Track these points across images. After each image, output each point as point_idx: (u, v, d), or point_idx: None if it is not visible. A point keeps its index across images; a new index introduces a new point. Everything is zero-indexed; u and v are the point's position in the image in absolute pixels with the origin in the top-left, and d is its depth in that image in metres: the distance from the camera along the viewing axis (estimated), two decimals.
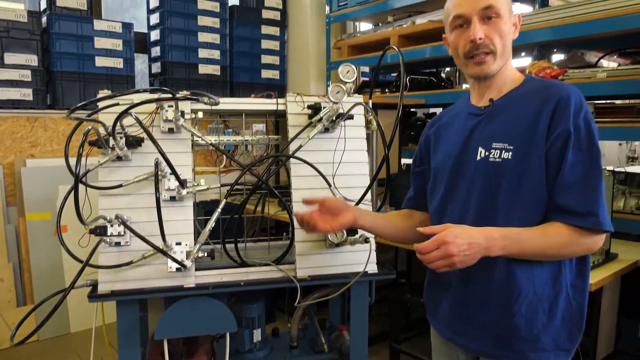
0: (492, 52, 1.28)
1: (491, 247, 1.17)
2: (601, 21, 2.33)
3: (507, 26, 1.29)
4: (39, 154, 3.36)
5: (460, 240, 1.14)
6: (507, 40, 1.30)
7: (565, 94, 1.22)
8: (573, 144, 1.19)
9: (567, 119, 1.19)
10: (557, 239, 1.19)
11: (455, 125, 1.44)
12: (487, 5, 1.26)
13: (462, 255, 1.14)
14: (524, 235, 1.19)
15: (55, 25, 3.21)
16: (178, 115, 1.67)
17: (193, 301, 1.64)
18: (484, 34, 1.27)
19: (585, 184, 1.19)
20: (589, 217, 1.17)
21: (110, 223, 1.58)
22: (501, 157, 1.25)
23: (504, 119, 1.29)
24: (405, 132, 3.60)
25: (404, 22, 3.57)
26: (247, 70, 4.14)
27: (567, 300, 1.26)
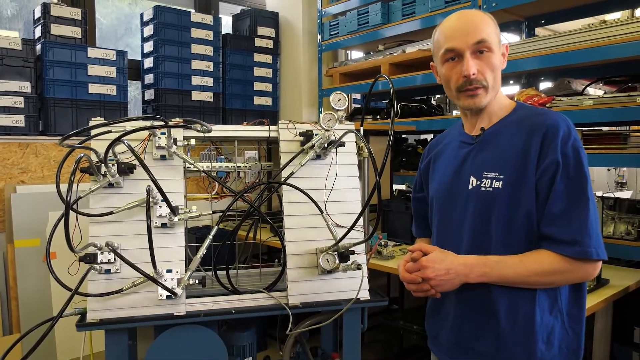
0: (484, 87, 1.30)
1: (469, 274, 1.22)
2: (587, 51, 2.38)
3: (498, 59, 1.31)
4: (29, 180, 3.34)
5: (439, 265, 1.21)
6: (498, 73, 1.32)
7: (553, 122, 1.23)
8: (561, 173, 1.19)
9: (555, 149, 1.20)
10: (537, 266, 1.19)
11: (448, 153, 1.45)
12: (480, 40, 1.27)
13: (438, 279, 1.22)
14: (503, 263, 1.21)
15: (50, 53, 3.23)
16: (170, 143, 1.68)
17: (183, 329, 1.62)
18: (477, 69, 1.28)
19: (571, 212, 1.19)
20: (573, 245, 1.17)
21: (101, 250, 1.56)
22: (492, 186, 1.27)
23: (495, 149, 1.30)
24: (396, 159, 3.63)
25: (394, 50, 3.63)
26: (240, 97, 4.17)
27: (564, 329, 1.26)
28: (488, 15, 1.34)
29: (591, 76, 2.93)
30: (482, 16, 1.32)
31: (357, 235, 1.72)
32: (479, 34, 1.28)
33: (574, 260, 1.18)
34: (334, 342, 2.14)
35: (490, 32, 1.29)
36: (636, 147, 2.32)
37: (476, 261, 1.22)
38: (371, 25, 3.62)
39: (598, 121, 2.42)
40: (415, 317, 2.76)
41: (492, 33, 1.30)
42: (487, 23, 1.30)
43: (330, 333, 2.14)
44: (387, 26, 3.54)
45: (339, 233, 1.69)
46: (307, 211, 1.75)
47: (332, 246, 1.69)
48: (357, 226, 1.67)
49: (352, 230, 1.63)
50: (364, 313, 1.82)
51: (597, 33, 2.36)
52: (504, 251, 1.25)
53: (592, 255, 1.17)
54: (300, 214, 1.76)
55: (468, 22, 1.30)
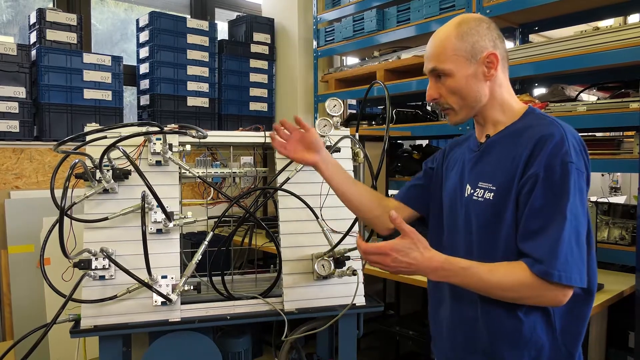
0: (450, 108, 1.29)
1: (430, 274, 1.19)
2: (580, 57, 2.40)
3: (462, 80, 1.25)
4: (24, 186, 3.32)
5: (402, 257, 1.16)
6: (468, 92, 1.26)
7: (547, 133, 1.17)
8: (542, 187, 1.13)
9: (540, 161, 1.14)
10: (505, 279, 1.14)
11: (459, 157, 1.43)
12: (432, 68, 1.27)
13: (396, 269, 1.17)
14: (470, 270, 1.15)
15: (45, 59, 3.22)
16: (166, 148, 1.68)
17: (178, 336, 1.62)
18: (437, 94, 1.28)
19: (544, 230, 1.12)
20: (538, 264, 1.10)
21: (95, 256, 1.56)
22: (484, 196, 1.24)
23: (493, 159, 1.28)
24: (392, 164, 3.64)
25: (389, 56, 3.65)
26: (236, 102, 4.17)
27: (556, 347, 1.21)
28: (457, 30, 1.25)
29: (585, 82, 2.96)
30: (444, 36, 1.26)
31: (352, 241, 1.72)
32: (431, 61, 1.27)
33: (540, 281, 1.11)
34: (330, 348, 2.13)
35: (447, 55, 1.24)
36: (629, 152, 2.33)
37: (440, 264, 1.16)
38: (366, 32, 3.63)
39: (592, 127, 2.44)
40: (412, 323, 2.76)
41: (450, 55, 1.24)
42: (446, 44, 1.25)
43: (326, 339, 2.13)
44: (382, 32, 3.55)
45: (334, 239, 1.69)
46: (303, 217, 1.75)
47: (328, 252, 1.69)
48: (353, 232, 1.67)
49: (347, 236, 1.63)
50: (360, 319, 1.82)
51: (590, 40, 2.38)
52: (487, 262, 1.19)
53: (553, 278, 1.09)
54: (296, 219, 1.76)
55: (429, 46, 1.29)
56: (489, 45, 1.25)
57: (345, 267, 1.70)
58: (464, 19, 1.28)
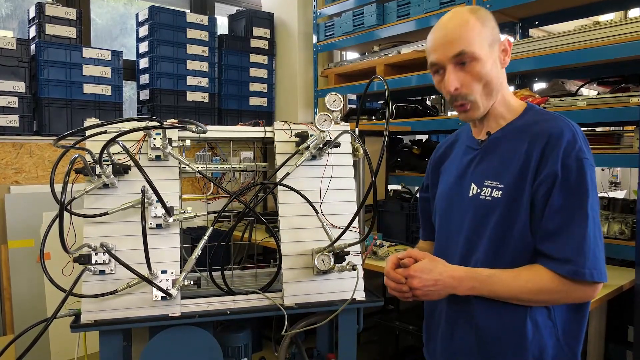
0: (472, 101, 1.22)
1: (457, 287, 1.18)
2: (580, 52, 2.40)
3: (488, 64, 1.19)
4: (23, 181, 3.32)
5: (426, 275, 1.17)
6: (491, 79, 1.21)
7: (557, 130, 1.15)
8: (560, 186, 1.12)
9: (556, 160, 1.12)
10: (530, 284, 1.13)
11: (454, 157, 1.41)
12: (459, 52, 1.18)
13: (425, 289, 1.18)
14: (494, 278, 1.15)
15: (44, 53, 3.22)
16: (165, 143, 1.68)
17: (178, 330, 1.62)
18: (460, 83, 1.20)
19: (567, 229, 1.11)
20: (567, 264, 1.10)
21: (95, 251, 1.56)
22: (491, 195, 1.21)
23: (497, 156, 1.25)
24: (391, 159, 3.64)
25: (389, 51, 3.64)
26: (235, 97, 4.17)
27: (558, 346, 1.19)
28: (475, 15, 1.20)
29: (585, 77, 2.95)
30: (464, 21, 1.20)
31: (352, 236, 1.72)
32: (457, 45, 1.18)
33: (568, 280, 1.11)
34: (330, 343, 2.14)
35: (474, 38, 1.18)
36: (629, 147, 2.33)
37: (465, 274, 1.17)
38: (366, 26, 3.63)
39: (592, 121, 2.43)
40: (411, 317, 2.76)
41: (476, 38, 1.18)
42: (470, 28, 1.18)
43: (326, 334, 2.14)
44: (382, 27, 3.54)
45: (334, 234, 1.69)
46: (303, 212, 1.75)
47: (328, 247, 1.69)
48: (353, 227, 1.68)
49: (347, 231, 1.63)
50: (360, 313, 1.82)
51: (590, 34, 2.38)
52: (495, 263, 1.19)
53: (585, 277, 1.09)
54: (296, 214, 1.76)
55: (448, 32, 1.20)
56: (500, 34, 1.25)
57: (345, 262, 1.70)
58: (473, 7, 1.26)
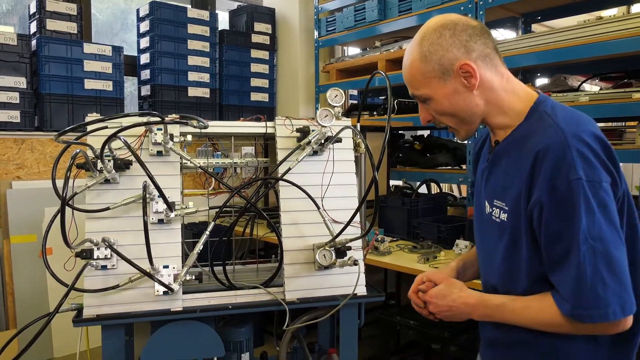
0: (449, 127, 1.21)
1: (472, 313, 1.19)
2: (583, 47, 2.39)
3: (445, 101, 1.14)
4: (25, 176, 3.33)
5: (441, 302, 1.21)
6: (456, 111, 1.15)
7: (544, 144, 1.02)
8: (549, 214, 1.01)
9: (543, 183, 1.01)
10: (541, 316, 1.06)
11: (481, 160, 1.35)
12: (413, 94, 1.20)
13: (442, 314, 1.23)
14: (504, 308, 1.12)
15: (45, 49, 3.21)
16: (167, 139, 1.68)
17: (180, 325, 1.62)
18: (429, 116, 1.21)
19: (563, 262, 1.01)
20: (565, 303, 1.01)
21: (97, 246, 1.56)
22: (500, 217, 1.15)
23: (501, 172, 1.17)
24: (393, 155, 3.63)
25: (391, 46, 3.63)
26: (237, 93, 4.16)
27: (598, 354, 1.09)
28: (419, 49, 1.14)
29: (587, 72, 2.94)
30: (408, 62, 1.17)
31: (353, 231, 1.72)
32: (409, 87, 1.20)
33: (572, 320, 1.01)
34: (331, 338, 2.14)
35: (418, 80, 1.15)
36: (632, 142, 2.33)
37: (477, 302, 1.16)
38: (368, 22, 3.61)
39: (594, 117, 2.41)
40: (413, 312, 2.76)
41: (420, 80, 1.14)
42: (414, 69, 1.15)
43: (327, 328, 2.14)
44: (383, 22, 3.53)
45: (335, 229, 1.69)
46: (304, 207, 1.75)
47: (329, 242, 1.70)
48: (354, 222, 1.68)
49: (349, 226, 1.63)
50: (361, 308, 1.83)
51: (593, 29, 2.37)
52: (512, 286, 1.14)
53: (583, 319, 0.99)
54: (297, 209, 1.76)
55: (403, 71, 1.21)
56: (459, 54, 1.11)
57: (347, 257, 1.70)
58: (425, 33, 1.15)
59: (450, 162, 3.47)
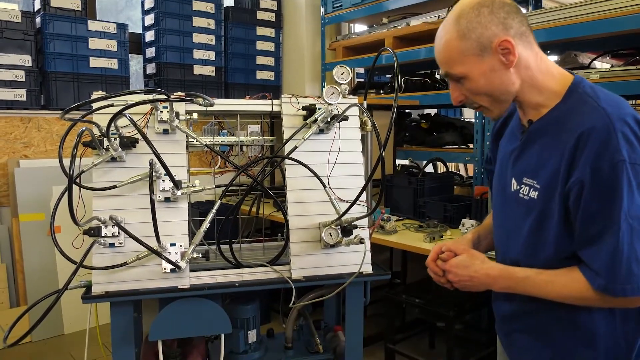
0: (481, 106, 1.20)
1: (493, 285, 1.20)
2: (593, 23, 2.34)
3: (481, 79, 1.13)
4: (32, 155, 3.34)
5: (462, 272, 1.22)
6: (491, 90, 1.15)
7: (588, 125, 1.04)
8: (590, 193, 1.03)
9: (585, 163, 1.03)
10: (567, 290, 1.10)
11: (507, 135, 1.34)
12: (446, 74, 1.18)
13: (461, 283, 1.24)
14: (529, 280, 1.14)
15: (50, 26, 3.20)
16: (173, 117, 1.67)
17: (187, 302, 1.64)
18: (461, 96, 1.19)
19: (600, 239, 1.04)
20: (598, 277, 1.05)
21: (105, 224, 1.57)
22: (529, 195, 1.16)
23: (536, 152, 1.17)
24: (400, 133, 3.61)
25: (398, 23, 3.58)
26: (242, 71, 4.14)
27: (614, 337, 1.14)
28: (456, 26, 1.13)
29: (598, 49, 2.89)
30: (444, 40, 1.16)
31: (360, 210, 1.72)
32: (443, 67, 1.18)
33: (602, 294, 1.06)
34: (337, 316, 2.16)
35: (454, 58, 1.14)
36: None
37: (500, 273, 1.17)
38: None
39: None
40: (418, 291, 2.78)
41: (457, 57, 1.14)
42: (450, 47, 1.14)
43: (333, 306, 2.16)
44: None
45: (341, 207, 1.69)
46: (310, 185, 1.75)
47: (335, 220, 1.70)
48: (360, 200, 1.67)
49: (355, 205, 1.63)
50: (367, 287, 1.84)
51: (604, 5, 2.32)
52: (532, 262, 1.17)
53: (616, 293, 1.03)
54: (303, 188, 1.76)
55: (436, 51, 1.20)
56: (498, 31, 1.10)
57: (353, 235, 1.70)
58: (461, 11, 1.14)
59: (457, 141, 3.45)
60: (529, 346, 1.26)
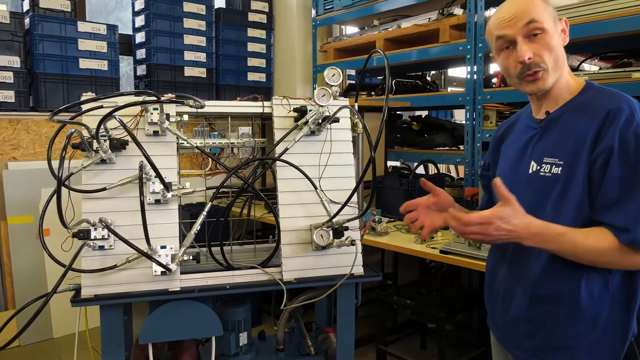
0: (544, 69, 1.25)
1: (526, 239, 1.19)
2: (583, 26, 2.37)
3: (555, 38, 1.25)
4: (21, 157, 3.31)
5: (504, 225, 1.17)
6: (558, 52, 1.26)
7: (615, 105, 1.18)
8: (618, 159, 1.15)
9: (613, 134, 1.16)
10: (600, 245, 1.16)
11: (514, 136, 1.44)
12: (530, 20, 1.23)
13: (497, 237, 1.19)
14: (566, 237, 1.18)
15: (38, 27, 3.17)
16: (163, 118, 1.66)
17: (178, 305, 1.63)
18: (532, 52, 1.24)
19: (625, 200, 1.14)
20: (624, 232, 1.14)
21: (94, 227, 1.56)
22: (551, 171, 1.25)
23: (557, 134, 1.28)
24: (391, 135, 3.62)
25: (389, 25, 3.59)
26: (233, 73, 4.13)
27: (612, 315, 1.23)
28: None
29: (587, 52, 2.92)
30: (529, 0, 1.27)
31: (351, 212, 1.72)
32: (527, 16, 1.24)
33: (626, 247, 1.14)
34: (328, 317, 2.16)
35: (541, 12, 1.24)
36: None
37: (540, 230, 1.18)
38: (366, 0, 3.57)
39: None
40: (409, 292, 2.79)
41: (543, 13, 1.25)
42: (536, 4, 1.26)
43: (325, 308, 2.16)
44: (382, 1, 3.49)
45: (333, 209, 1.69)
46: (301, 187, 1.75)
47: (326, 222, 1.70)
48: (351, 202, 1.68)
49: (346, 207, 1.63)
50: (358, 288, 1.84)
51: (593, 8, 2.34)
52: None
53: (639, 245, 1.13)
54: (295, 190, 1.76)
55: (516, 8, 1.26)
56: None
57: (344, 237, 1.70)
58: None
59: (447, 142, 3.46)
60: (531, 332, 1.30)
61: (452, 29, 3.05)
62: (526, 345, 1.31)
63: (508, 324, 1.37)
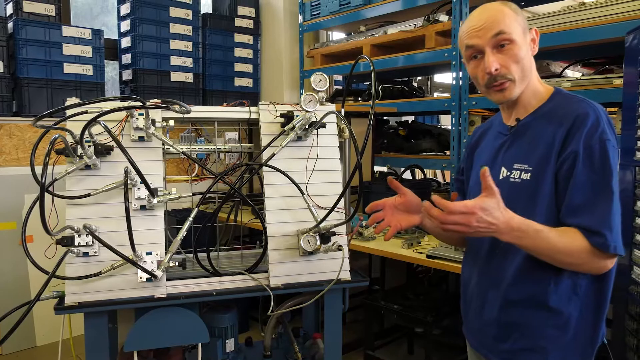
0: (511, 80, 1.27)
1: (504, 234, 1.16)
2: (565, 33, 2.40)
3: (523, 49, 1.27)
4: (4, 163, 3.27)
5: (486, 217, 1.13)
6: (526, 62, 1.28)
7: (582, 111, 1.21)
8: (583, 164, 1.18)
9: (579, 139, 1.19)
10: (572, 245, 1.18)
11: (485, 143, 1.47)
12: (498, 32, 1.25)
13: (477, 229, 1.14)
14: (542, 234, 1.17)
15: (22, 31, 3.14)
16: (149, 124, 1.65)
17: (164, 312, 1.62)
18: (499, 64, 1.26)
19: (594, 203, 1.17)
20: (595, 235, 1.16)
21: (78, 233, 1.54)
22: (521, 177, 1.27)
23: (527, 140, 1.30)
24: (377, 140, 3.64)
25: (376, 31, 3.61)
26: (220, 78, 4.12)
27: (581, 317, 1.25)
28: (507, 6, 1.29)
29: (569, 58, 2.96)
30: (499, 9, 1.28)
31: (338, 217, 1.72)
32: (496, 27, 1.25)
33: (597, 250, 1.17)
34: (316, 323, 2.16)
35: (510, 23, 1.26)
36: None
37: (519, 225, 1.16)
38: (353, 6, 3.59)
39: None
40: (396, 297, 2.80)
41: (513, 23, 1.26)
42: (506, 14, 1.27)
43: (312, 314, 2.15)
44: (368, 7, 3.51)
45: (320, 214, 1.69)
46: (288, 193, 1.75)
47: (313, 228, 1.70)
48: (338, 208, 1.68)
49: (333, 212, 1.63)
50: (345, 293, 1.84)
51: (575, 15, 2.38)
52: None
53: (609, 250, 1.15)
54: (281, 195, 1.76)
55: (485, 17, 1.28)
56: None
57: (331, 242, 1.70)
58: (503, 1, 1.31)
59: (434, 147, 3.49)
60: (503, 335, 1.31)
61: (437, 35, 3.08)
62: (499, 349, 1.33)
63: (481, 328, 1.38)
